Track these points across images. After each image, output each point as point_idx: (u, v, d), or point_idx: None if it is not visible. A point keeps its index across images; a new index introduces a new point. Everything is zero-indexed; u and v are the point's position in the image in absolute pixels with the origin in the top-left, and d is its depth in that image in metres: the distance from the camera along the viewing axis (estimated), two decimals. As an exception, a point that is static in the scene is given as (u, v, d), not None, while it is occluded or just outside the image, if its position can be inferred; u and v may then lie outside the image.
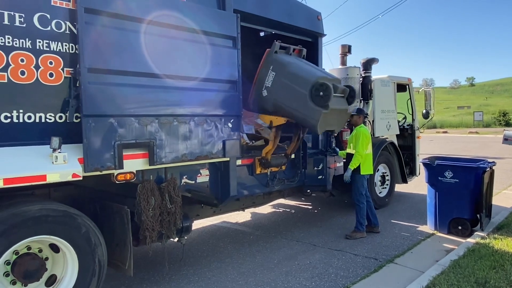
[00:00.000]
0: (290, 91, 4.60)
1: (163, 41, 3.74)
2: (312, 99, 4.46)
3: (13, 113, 2.96)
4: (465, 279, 3.86)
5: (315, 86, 4.44)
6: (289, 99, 4.64)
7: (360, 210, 5.65)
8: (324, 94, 4.41)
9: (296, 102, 4.59)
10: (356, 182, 5.66)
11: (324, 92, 4.41)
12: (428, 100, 8.60)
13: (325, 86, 4.40)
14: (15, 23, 2.92)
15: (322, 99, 4.41)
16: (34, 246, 3.17)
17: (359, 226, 5.65)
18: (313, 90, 4.45)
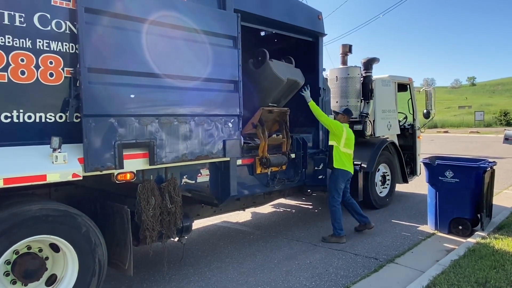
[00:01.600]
0: (248, 88, 5.04)
1: (164, 41, 3.73)
2: (255, 66, 5.23)
3: (13, 113, 2.96)
4: (465, 279, 3.86)
5: (252, 57, 5.23)
6: (251, 89, 5.14)
7: (333, 214, 5.43)
8: (261, 57, 5.23)
9: (255, 83, 5.14)
10: (329, 180, 5.62)
11: (260, 55, 5.24)
12: (429, 99, 8.59)
13: (259, 51, 5.25)
14: (15, 23, 2.92)
15: (261, 59, 5.21)
16: (34, 245, 3.18)
17: (334, 230, 5.44)
18: (254, 61, 5.22)
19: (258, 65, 5.23)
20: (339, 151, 5.48)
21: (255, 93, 5.33)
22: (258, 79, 5.25)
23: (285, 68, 5.46)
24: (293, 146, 5.54)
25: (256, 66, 5.24)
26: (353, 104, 7.25)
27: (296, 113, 6.54)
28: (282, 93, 5.56)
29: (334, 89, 7.26)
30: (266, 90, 5.35)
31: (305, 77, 6.26)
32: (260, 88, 5.30)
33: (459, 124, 45.82)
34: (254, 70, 5.24)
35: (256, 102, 5.38)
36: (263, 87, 5.32)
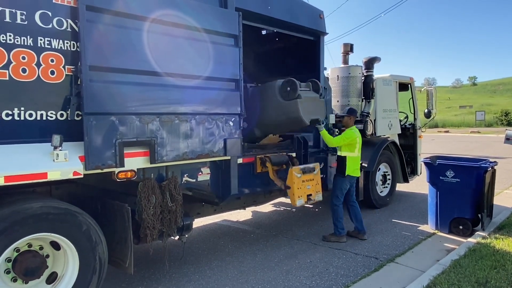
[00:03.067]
0: (265, 106, 4.83)
1: (165, 39, 3.73)
2: (284, 96, 4.81)
3: (15, 111, 2.97)
4: (465, 278, 3.86)
5: (280, 85, 4.79)
6: (268, 113, 4.84)
7: (334, 213, 5.44)
8: (291, 88, 4.78)
9: (274, 111, 4.80)
10: (335, 183, 5.53)
11: (290, 86, 4.77)
12: (430, 99, 8.58)
13: (289, 81, 4.77)
14: (17, 20, 2.92)
15: (291, 92, 4.77)
16: (35, 243, 3.18)
17: (335, 229, 5.45)
18: (281, 90, 4.80)
19: (286, 97, 4.83)
20: (353, 159, 5.42)
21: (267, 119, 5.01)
22: (279, 110, 4.87)
23: (311, 104, 5.05)
24: (294, 145, 5.53)
25: (284, 97, 4.84)
26: (354, 104, 7.25)
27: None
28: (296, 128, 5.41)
29: (335, 88, 7.25)
30: (282, 124, 5.05)
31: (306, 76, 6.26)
32: (277, 119, 4.97)
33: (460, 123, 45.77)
34: (278, 100, 4.83)
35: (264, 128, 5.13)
36: (281, 120, 4.99)
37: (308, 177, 5.10)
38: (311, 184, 5.15)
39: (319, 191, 5.25)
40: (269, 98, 4.88)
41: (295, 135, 5.62)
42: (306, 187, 5.04)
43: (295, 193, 4.89)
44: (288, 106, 4.79)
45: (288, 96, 4.80)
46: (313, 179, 5.19)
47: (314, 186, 5.18)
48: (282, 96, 4.83)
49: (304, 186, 5.02)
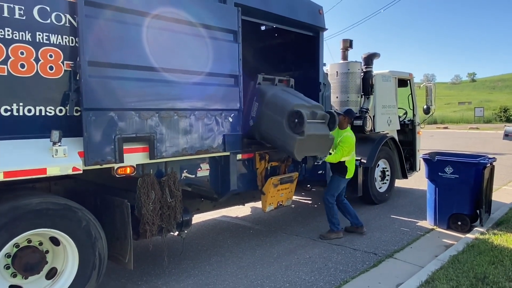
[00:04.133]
0: (270, 120, 4.71)
1: (164, 35, 3.72)
2: (289, 126, 4.53)
3: (13, 106, 2.96)
4: (464, 274, 3.88)
5: (290, 113, 4.52)
6: (270, 128, 4.74)
7: (330, 210, 5.40)
8: (298, 121, 4.45)
9: (276, 130, 4.67)
10: (332, 182, 5.47)
11: (298, 119, 4.45)
12: (429, 95, 8.59)
13: (299, 114, 4.44)
14: (15, 15, 2.91)
15: (297, 126, 4.47)
16: (34, 239, 3.18)
17: (332, 226, 5.42)
18: (289, 118, 4.53)
19: (291, 128, 4.51)
20: (351, 161, 5.42)
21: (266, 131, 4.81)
22: (280, 132, 4.64)
23: (314, 142, 4.72)
24: None
25: (289, 126, 4.53)
26: (353, 100, 7.25)
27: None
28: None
29: (334, 84, 7.24)
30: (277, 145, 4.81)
31: (305, 72, 6.24)
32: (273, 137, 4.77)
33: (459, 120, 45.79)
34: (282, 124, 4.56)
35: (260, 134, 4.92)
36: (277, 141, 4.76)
37: (284, 187, 5.18)
38: (285, 192, 5.22)
39: (290, 198, 5.39)
40: (276, 114, 4.65)
41: None
42: (279, 195, 5.13)
43: (267, 201, 5.00)
44: (288, 137, 4.54)
45: (293, 128, 4.52)
46: (288, 188, 5.26)
47: (287, 194, 5.28)
48: (287, 124, 4.53)
49: (277, 195, 5.11)
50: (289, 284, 4.03)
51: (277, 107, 4.67)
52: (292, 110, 4.51)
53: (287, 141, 4.59)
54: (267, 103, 4.76)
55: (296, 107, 4.55)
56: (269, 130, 4.76)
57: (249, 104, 4.89)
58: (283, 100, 4.76)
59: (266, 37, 6.72)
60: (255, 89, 4.91)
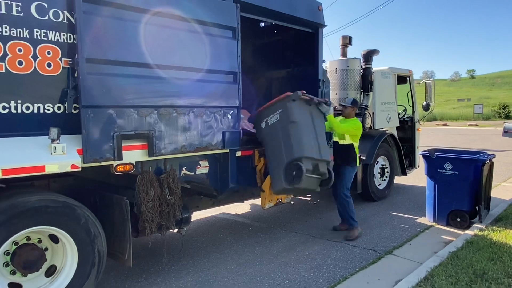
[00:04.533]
0: (277, 145, 4.52)
1: (162, 31, 3.70)
2: (285, 172, 4.39)
3: (11, 104, 2.94)
4: (463, 270, 3.89)
5: (294, 162, 4.35)
6: (272, 151, 4.60)
7: (349, 205, 5.30)
8: (296, 175, 4.28)
9: (275, 159, 4.55)
10: (345, 175, 5.33)
11: (297, 172, 4.28)
12: (428, 92, 8.58)
13: (300, 170, 4.25)
14: (12, 12, 2.89)
15: (291, 178, 4.34)
16: (33, 236, 3.18)
17: (352, 222, 5.29)
18: (290, 164, 4.36)
19: (287, 179, 4.39)
20: (357, 149, 5.39)
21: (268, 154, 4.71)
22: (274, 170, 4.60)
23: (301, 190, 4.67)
24: None
25: (285, 175, 4.40)
26: (352, 96, 7.23)
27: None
28: None
29: (333, 81, 7.23)
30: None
31: (304, 69, 6.22)
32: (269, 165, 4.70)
33: (458, 117, 45.82)
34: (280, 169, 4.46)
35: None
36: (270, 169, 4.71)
37: None
38: None
39: (289, 195, 5.29)
40: (284, 148, 4.43)
41: None
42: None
43: (267, 198, 4.94)
44: (278, 178, 4.47)
45: (286, 176, 4.39)
46: None
47: None
48: (285, 169, 4.39)
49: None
50: (288, 280, 4.04)
51: (289, 142, 4.39)
52: (297, 161, 4.32)
53: (275, 179, 4.54)
54: (285, 128, 4.46)
55: (303, 159, 4.32)
56: (271, 151, 4.63)
57: (272, 109, 4.60)
58: (299, 139, 4.43)
59: (265, 34, 6.70)
60: (286, 103, 4.51)
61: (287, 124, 4.46)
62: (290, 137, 4.43)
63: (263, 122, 4.70)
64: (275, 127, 4.57)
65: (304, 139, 4.49)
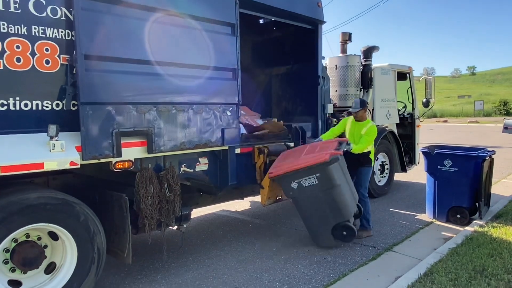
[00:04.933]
0: (320, 208, 4.55)
1: (161, 28, 3.69)
2: (333, 231, 4.60)
3: (10, 101, 2.94)
4: (463, 266, 3.89)
5: (342, 223, 4.56)
6: (312, 212, 4.63)
7: (366, 205, 5.17)
8: (348, 235, 4.56)
9: (317, 219, 4.64)
10: (362, 175, 5.19)
11: (348, 232, 4.57)
12: (428, 88, 8.56)
13: (352, 232, 4.57)
14: (10, 8, 2.88)
15: (343, 237, 4.58)
16: (33, 234, 3.18)
17: (366, 223, 5.19)
18: (338, 226, 4.57)
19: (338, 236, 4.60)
20: (373, 151, 5.30)
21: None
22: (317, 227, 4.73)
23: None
24: (291, 135, 5.52)
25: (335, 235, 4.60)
26: (352, 93, 7.23)
27: (295, 101, 6.52)
28: None
29: (333, 77, 7.22)
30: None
31: (304, 66, 6.21)
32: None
33: (459, 113, 45.76)
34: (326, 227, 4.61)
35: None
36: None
37: None
38: None
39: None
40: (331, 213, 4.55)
41: (293, 124, 5.61)
42: (278, 188, 5.04)
43: (266, 194, 4.95)
44: (325, 236, 4.67)
45: (341, 238, 4.59)
46: None
47: None
48: (334, 229, 4.57)
49: (276, 188, 5.03)
50: (288, 277, 4.04)
51: (335, 206, 4.51)
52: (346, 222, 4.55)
53: (321, 236, 4.73)
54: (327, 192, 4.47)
55: (350, 218, 4.61)
56: (309, 210, 4.63)
57: (305, 173, 4.44)
58: (344, 202, 4.57)
59: (265, 30, 6.68)
60: (325, 167, 4.39)
61: (330, 189, 4.48)
62: (335, 201, 4.53)
63: (295, 182, 4.54)
64: (314, 190, 4.49)
65: (347, 199, 4.65)
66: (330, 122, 6.19)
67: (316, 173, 4.43)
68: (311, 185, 4.48)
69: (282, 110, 6.70)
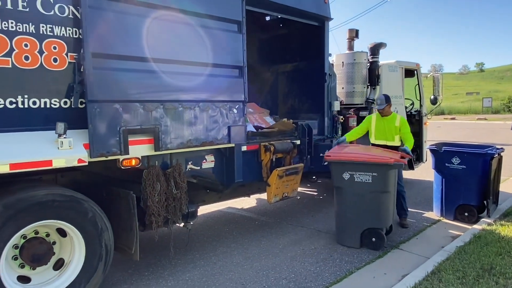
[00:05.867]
0: (361, 206, 4.52)
1: (167, 26, 3.70)
2: (363, 234, 4.57)
3: (18, 99, 2.97)
4: (470, 265, 3.86)
5: (376, 229, 4.54)
6: (351, 206, 4.60)
7: (405, 198, 5.46)
8: (376, 243, 4.51)
9: (351, 215, 4.62)
10: (400, 171, 5.24)
11: (376, 240, 4.51)
12: (436, 85, 8.48)
13: (382, 241, 4.52)
14: (18, 7, 2.90)
15: (371, 244, 4.54)
16: (41, 230, 3.21)
17: (407, 212, 5.50)
18: (371, 230, 4.53)
19: (367, 245, 4.59)
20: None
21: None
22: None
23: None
24: (298, 132, 5.52)
25: (366, 245, 4.59)
26: (359, 90, 7.18)
27: (302, 99, 6.50)
28: None
29: (340, 74, 7.18)
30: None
31: (310, 63, 6.19)
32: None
33: (467, 110, 45.35)
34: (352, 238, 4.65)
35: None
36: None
37: (289, 178, 5.15)
38: (290, 183, 5.20)
39: (295, 189, 5.37)
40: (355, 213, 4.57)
41: (299, 122, 5.60)
42: (285, 186, 5.10)
43: (273, 192, 4.98)
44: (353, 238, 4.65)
45: (366, 244, 4.57)
46: (293, 179, 5.24)
47: (292, 185, 5.25)
48: (361, 236, 4.58)
49: (283, 186, 5.08)
50: (294, 274, 4.04)
51: (377, 210, 4.50)
52: (380, 229, 4.53)
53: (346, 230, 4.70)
54: (376, 194, 4.49)
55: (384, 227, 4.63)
56: (349, 203, 4.61)
57: (365, 166, 4.46)
58: (387, 210, 4.58)
59: (271, 27, 6.66)
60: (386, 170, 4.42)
61: (380, 193, 4.47)
62: (379, 206, 4.50)
63: (348, 173, 4.54)
64: (364, 187, 4.49)
65: (390, 209, 4.62)
66: (336, 119, 6.17)
67: (374, 172, 4.40)
68: (363, 182, 4.45)
69: (289, 107, 6.68)
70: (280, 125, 5.48)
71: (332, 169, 4.68)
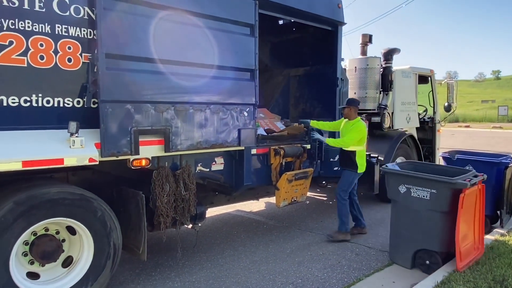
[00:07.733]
0: (416, 223, 4.15)
1: (180, 28, 3.72)
2: (416, 255, 4.20)
3: (33, 97, 3.02)
4: (482, 276, 3.78)
5: (431, 252, 4.13)
6: (405, 222, 4.24)
7: (342, 207, 5.10)
8: (429, 266, 4.09)
9: (406, 235, 4.30)
10: (344, 177, 5.16)
11: (430, 263, 4.10)
12: (450, 92, 8.38)
13: (436, 266, 4.08)
14: (35, 7, 2.95)
15: (424, 266, 4.14)
16: (51, 227, 3.25)
17: (341, 226, 5.10)
18: (425, 251, 4.15)
19: (424, 269, 4.14)
20: (362, 153, 5.13)
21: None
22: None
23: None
24: (308, 136, 5.49)
25: (418, 266, 4.19)
26: (371, 96, 7.14)
27: (313, 103, 6.48)
28: None
29: (352, 80, 7.15)
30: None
31: (323, 67, 6.17)
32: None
33: (482, 118, 44.61)
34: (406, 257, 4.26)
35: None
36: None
37: (298, 183, 5.10)
38: (299, 188, 5.15)
39: (304, 194, 5.31)
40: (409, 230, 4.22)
41: (310, 127, 5.57)
42: (294, 190, 5.06)
43: (281, 196, 4.94)
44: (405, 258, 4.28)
45: (418, 265, 4.19)
46: (303, 184, 5.19)
47: (301, 190, 5.20)
48: (414, 256, 4.20)
49: (292, 190, 5.04)
50: (301, 280, 4.01)
51: (435, 232, 4.06)
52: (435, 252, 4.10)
53: (399, 248, 4.34)
54: (434, 214, 4.06)
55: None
56: (403, 218, 4.27)
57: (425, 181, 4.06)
58: (445, 232, 4.08)
59: (284, 31, 6.67)
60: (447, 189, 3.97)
61: (436, 212, 4.03)
62: (437, 227, 4.06)
63: (404, 186, 4.20)
64: (420, 204, 4.11)
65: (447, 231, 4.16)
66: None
67: (433, 188, 3.99)
68: (420, 198, 4.08)
69: (300, 111, 6.67)
70: (291, 129, 5.46)
71: (388, 180, 4.38)
